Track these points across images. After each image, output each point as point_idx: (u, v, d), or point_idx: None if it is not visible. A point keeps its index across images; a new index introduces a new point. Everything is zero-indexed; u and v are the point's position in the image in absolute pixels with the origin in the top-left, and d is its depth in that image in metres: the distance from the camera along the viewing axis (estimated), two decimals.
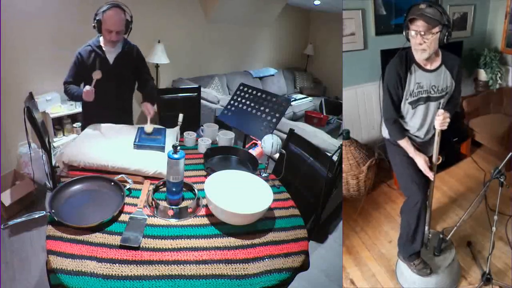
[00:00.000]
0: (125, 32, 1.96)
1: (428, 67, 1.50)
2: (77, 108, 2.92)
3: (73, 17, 2.79)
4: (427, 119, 1.59)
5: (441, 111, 1.42)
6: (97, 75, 1.86)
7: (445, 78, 1.52)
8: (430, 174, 1.52)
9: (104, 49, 1.96)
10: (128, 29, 1.96)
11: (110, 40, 1.89)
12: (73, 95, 1.98)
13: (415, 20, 1.38)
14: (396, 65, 1.49)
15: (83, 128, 2.20)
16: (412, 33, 1.40)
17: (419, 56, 1.46)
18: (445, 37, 1.39)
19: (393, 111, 1.56)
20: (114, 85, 2.01)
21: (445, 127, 1.44)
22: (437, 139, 1.49)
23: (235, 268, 1.11)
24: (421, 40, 1.39)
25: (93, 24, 1.87)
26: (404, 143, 1.57)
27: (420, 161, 1.53)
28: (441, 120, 1.42)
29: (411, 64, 1.49)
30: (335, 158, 1.53)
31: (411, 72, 1.50)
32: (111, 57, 1.98)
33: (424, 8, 1.37)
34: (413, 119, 1.60)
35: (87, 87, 1.85)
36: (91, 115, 2.04)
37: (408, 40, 1.45)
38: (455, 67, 1.51)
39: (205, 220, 1.33)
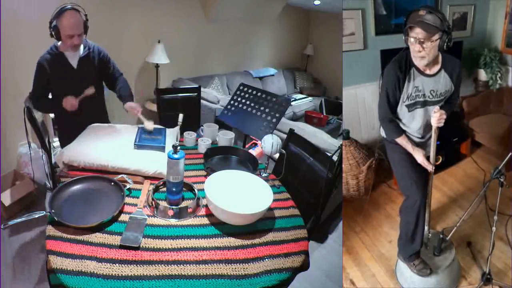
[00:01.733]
0: (84, 32, 1.85)
1: (428, 71, 1.49)
2: None
3: None
4: (424, 123, 1.58)
5: (437, 108, 1.42)
6: (89, 91, 1.83)
7: (445, 82, 1.51)
8: (429, 167, 1.52)
9: (65, 54, 1.86)
10: (86, 30, 1.85)
11: (73, 44, 1.79)
12: (49, 108, 1.93)
13: (414, 27, 1.37)
14: (395, 67, 1.48)
15: (60, 137, 2.14)
16: (411, 39, 1.39)
17: (418, 62, 1.45)
18: (445, 44, 1.37)
19: (388, 112, 1.56)
20: (81, 89, 1.92)
21: (441, 124, 1.44)
22: (434, 136, 1.50)
23: (235, 268, 1.12)
24: (420, 48, 1.38)
25: (50, 33, 1.76)
26: (402, 141, 1.57)
27: (419, 155, 1.54)
28: (437, 117, 1.42)
29: (411, 68, 1.48)
30: (335, 158, 1.53)
31: (410, 76, 1.49)
32: (74, 61, 1.89)
33: (424, 15, 1.35)
34: (413, 123, 1.59)
35: (70, 97, 1.81)
36: (64, 123, 1.99)
37: (408, 45, 1.44)
38: (455, 71, 1.49)
39: (205, 220, 1.33)
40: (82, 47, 1.90)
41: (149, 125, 1.78)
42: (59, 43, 1.85)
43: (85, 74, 1.93)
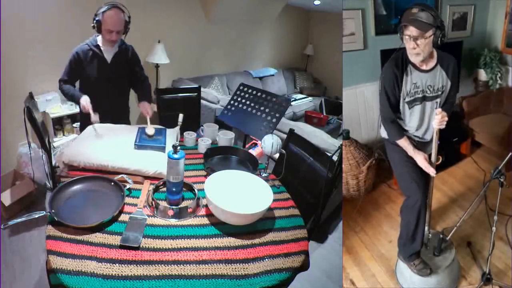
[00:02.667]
0: (124, 32, 1.98)
1: (424, 67, 1.52)
2: (77, 108, 2.92)
3: (73, 17, 2.79)
4: (424, 119, 1.60)
5: (438, 110, 1.43)
6: (94, 118, 1.85)
7: (441, 77, 1.53)
8: (430, 170, 1.52)
9: (102, 48, 1.98)
10: (126, 29, 1.98)
11: (110, 40, 1.92)
12: (70, 97, 1.99)
13: (407, 25, 1.39)
14: (393, 66, 1.50)
15: (81, 127, 2.22)
16: (406, 37, 1.42)
17: (414, 59, 1.47)
18: (439, 39, 1.40)
19: (390, 111, 1.57)
20: (111, 84, 2.05)
21: (443, 126, 1.45)
22: (435, 137, 1.50)
23: (235, 268, 1.11)
24: (414, 45, 1.41)
25: (93, 24, 1.89)
26: (403, 143, 1.58)
27: (420, 158, 1.54)
28: (439, 119, 1.43)
29: (407, 65, 1.51)
30: (335, 158, 1.53)
31: (407, 73, 1.52)
32: (108, 56, 2.02)
33: (417, 13, 1.38)
34: (411, 119, 1.60)
35: (87, 102, 1.86)
36: (88, 115, 2.04)
37: (403, 42, 1.46)
38: (450, 66, 1.52)
39: (205, 220, 1.33)
40: (117, 45, 2.02)
41: (150, 129, 1.80)
42: (99, 37, 1.98)
43: (116, 70, 2.04)
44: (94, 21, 1.88)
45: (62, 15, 2.77)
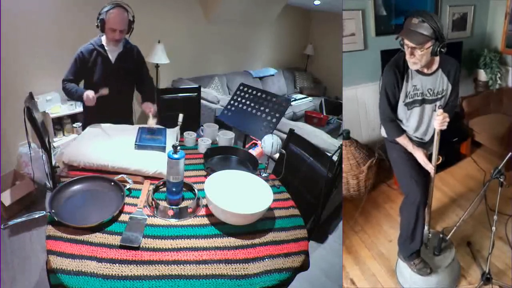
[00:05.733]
0: (128, 31, 1.99)
1: (425, 71, 1.51)
2: (77, 108, 2.93)
3: (74, 17, 2.79)
4: (423, 121, 1.60)
5: (440, 111, 1.43)
6: (103, 91, 1.88)
7: (442, 81, 1.52)
8: (430, 167, 1.53)
9: (106, 48, 1.99)
10: (130, 29, 1.99)
11: (114, 39, 1.93)
12: (73, 95, 1.98)
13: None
14: (394, 67, 1.50)
15: (84, 127, 2.20)
16: (404, 46, 1.42)
17: (411, 66, 1.47)
18: (438, 49, 1.39)
19: (389, 112, 1.57)
20: (115, 84, 2.03)
21: (444, 127, 1.45)
22: (436, 138, 1.50)
23: (235, 268, 1.12)
24: (411, 56, 1.41)
25: (96, 24, 1.90)
26: (402, 140, 1.58)
27: (420, 154, 1.54)
28: (440, 120, 1.42)
29: (408, 67, 1.50)
30: (335, 158, 1.53)
31: (408, 75, 1.51)
32: (113, 56, 2.02)
33: (416, 24, 1.37)
34: (410, 121, 1.60)
35: (90, 93, 1.87)
36: (92, 114, 2.06)
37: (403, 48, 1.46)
38: (452, 71, 1.51)
39: (205, 220, 1.33)
40: (122, 45, 2.03)
41: (152, 122, 1.81)
42: (103, 37, 1.98)
43: (120, 70, 2.04)
44: (98, 20, 1.89)
45: (62, 15, 2.77)
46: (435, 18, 1.37)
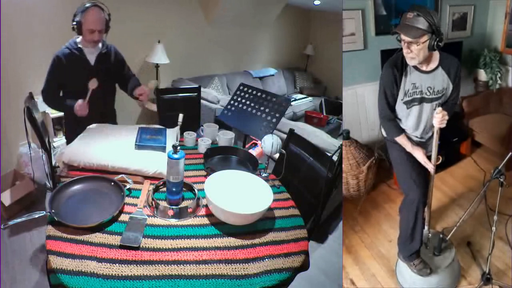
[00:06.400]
0: (105, 31, 1.90)
1: (424, 68, 1.51)
2: None
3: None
4: (421, 120, 1.59)
5: (439, 109, 1.43)
6: (92, 84, 1.82)
7: (442, 79, 1.52)
8: (429, 166, 1.53)
9: (84, 50, 1.90)
10: (107, 28, 1.90)
11: (93, 40, 1.84)
12: (59, 106, 1.90)
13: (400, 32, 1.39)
14: (392, 66, 1.50)
15: (66, 133, 2.14)
16: (401, 42, 1.42)
17: (409, 62, 1.47)
18: (435, 43, 1.38)
19: (388, 111, 1.57)
20: (96, 87, 1.94)
21: (443, 125, 1.45)
22: (435, 137, 1.50)
23: (235, 268, 1.12)
24: (408, 50, 1.41)
25: (72, 26, 1.81)
26: (401, 140, 1.58)
27: (419, 154, 1.54)
28: (439, 118, 1.42)
29: (407, 65, 1.50)
30: (335, 158, 1.53)
31: (407, 73, 1.51)
32: (91, 58, 1.93)
33: (411, 18, 1.37)
34: (408, 119, 1.60)
35: (80, 101, 1.82)
36: (74, 119, 1.94)
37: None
38: (453, 69, 1.50)
39: (205, 220, 1.33)
40: (100, 45, 1.95)
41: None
42: (79, 39, 1.90)
43: (101, 72, 1.96)
44: (74, 22, 1.80)
45: (63, 15, 2.77)
46: (431, 12, 1.37)
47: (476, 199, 1.57)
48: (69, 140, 2.09)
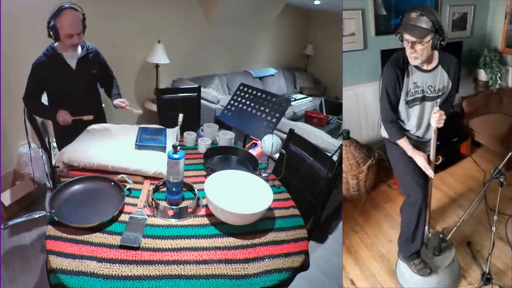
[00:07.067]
0: (82, 32, 1.79)
1: (425, 67, 1.51)
2: None
3: None
4: (423, 119, 1.60)
5: (436, 108, 1.43)
6: (88, 117, 1.81)
7: (442, 78, 1.53)
8: (430, 172, 1.52)
9: (62, 55, 1.82)
10: (84, 28, 1.80)
11: (72, 44, 1.75)
12: (41, 114, 1.84)
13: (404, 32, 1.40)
14: (394, 65, 1.50)
15: (57, 141, 2.09)
16: (405, 41, 1.42)
17: (412, 61, 1.47)
18: (438, 42, 1.39)
19: (390, 111, 1.57)
20: (81, 91, 1.92)
21: (441, 125, 1.45)
22: (433, 136, 1.50)
23: (235, 268, 1.12)
24: (412, 50, 1.41)
25: (48, 33, 1.72)
26: (403, 143, 1.58)
27: (420, 159, 1.54)
28: (437, 118, 1.43)
29: (408, 65, 1.51)
30: (335, 158, 1.53)
31: (408, 72, 1.52)
32: (72, 62, 1.84)
33: (415, 18, 1.37)
34: (410, 119, 1.61)
35: (65, 115, 1.79)
36: (62, 125, 1.88)
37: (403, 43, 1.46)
38: (452, 67, 1.52)
39: (205, 220, 1.33)
40: (80, 48, 1.87)
41: (139, 111, 1.78)
42: (56, 44, 1.81)
43: (84, 75, 1.90)
44: (49, 29, 1.70)
45: None
46: (433, 11, 1.37)
47: (476, 199, 1.57)
48: (59, 145, 2.05)
